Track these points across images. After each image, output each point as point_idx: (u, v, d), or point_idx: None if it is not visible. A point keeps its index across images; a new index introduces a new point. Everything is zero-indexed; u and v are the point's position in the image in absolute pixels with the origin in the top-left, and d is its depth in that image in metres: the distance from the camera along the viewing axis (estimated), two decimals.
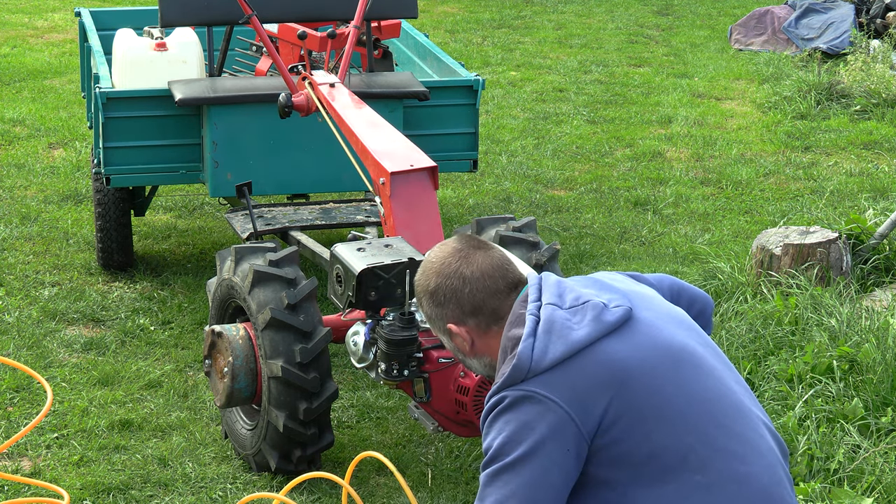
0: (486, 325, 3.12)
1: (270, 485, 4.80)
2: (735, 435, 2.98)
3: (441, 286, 3.12)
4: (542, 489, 2.90)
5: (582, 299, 3.03)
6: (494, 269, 3.11)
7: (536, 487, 2.90)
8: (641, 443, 2.92)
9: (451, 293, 3.11)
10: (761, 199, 8.00)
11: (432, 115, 6.41)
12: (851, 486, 4.45)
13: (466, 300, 3.10)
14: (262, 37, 5.98)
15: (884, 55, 10.58)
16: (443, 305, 3.12)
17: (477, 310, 3.11)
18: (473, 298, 3.10)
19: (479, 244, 3.16)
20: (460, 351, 3.18)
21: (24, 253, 7.00)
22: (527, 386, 2.92)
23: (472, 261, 3.11)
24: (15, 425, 5.23)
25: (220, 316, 5.07)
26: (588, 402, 2.91)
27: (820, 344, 5.23)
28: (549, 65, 11.58)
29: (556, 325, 2.97)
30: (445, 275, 3.12)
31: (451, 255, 3.12)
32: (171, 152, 6.26)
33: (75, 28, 11.51)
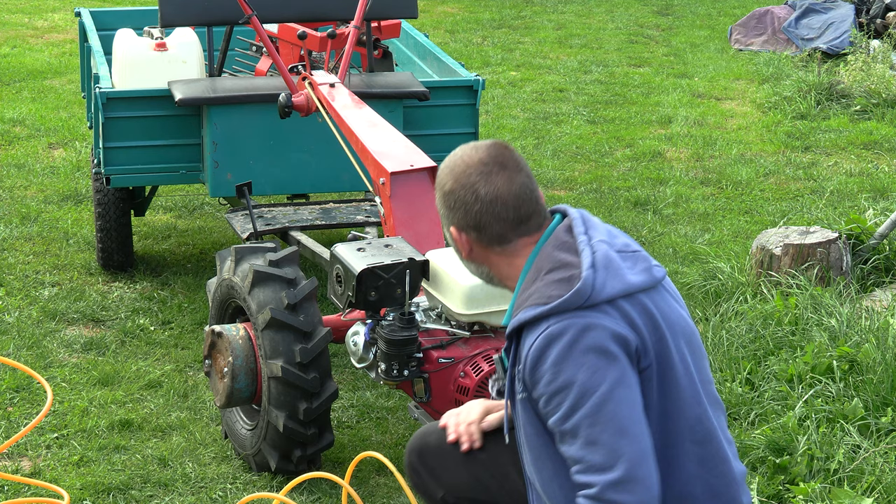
0: (487, 242, 3.15)
1: (270, 485, 4.80)
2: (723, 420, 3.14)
3: (454, 192, 3.14)
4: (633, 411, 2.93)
5: (631, 247, 3.13)
6: (510, 197, 3.11)
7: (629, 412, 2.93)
8: (659, 399, 3.00)
9: (461, 203, 3.13)
10: (761, 199, 8.00)
11: (432, 115, 6.41)
12: (851, 486, 4.45)
13: (473, 216, 3.12)
14: (262, 37, 5.98)
15: (884, 55, 10.57)
16: (451, 209, 3.15)
17: (481, 228, 3.12)
18: (480, 218, 3.11)
19: (507, 163, 3.15)
20: (459, 251, 3.21)
21: (24, 253, 7.00)
22: (587, 315, 2.95)
23: (492, 181, 3.11)
24: (15, 425, 5.23)
25: (220, 316, 5.07)
26: (636, 339, 2.98)
27: (820, 344, 5.23)
28: (549, 65, 11.58)
29: (614, 264, 3.02)
30: (461, 184, 3.13)
31: (475, 167, 3.12)
32: (171, 152, 6.26)
33: (75, 28, 11.52)
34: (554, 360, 2.93)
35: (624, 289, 3.00)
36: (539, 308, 2.97)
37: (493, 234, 3.13)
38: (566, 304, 2.96)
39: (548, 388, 2.94)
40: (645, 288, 3.05)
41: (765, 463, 4.64)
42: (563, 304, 2.96)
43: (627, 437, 2.90)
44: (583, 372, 2.91)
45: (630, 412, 2.92)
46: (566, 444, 2.94)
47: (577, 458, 2.92)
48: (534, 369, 2.96)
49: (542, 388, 2.95)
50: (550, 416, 2.96)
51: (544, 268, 3.05)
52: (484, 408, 3.34)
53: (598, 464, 2.88)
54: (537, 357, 2.95)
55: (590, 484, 2.89)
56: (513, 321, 3.04)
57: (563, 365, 2.92)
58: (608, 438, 2.89)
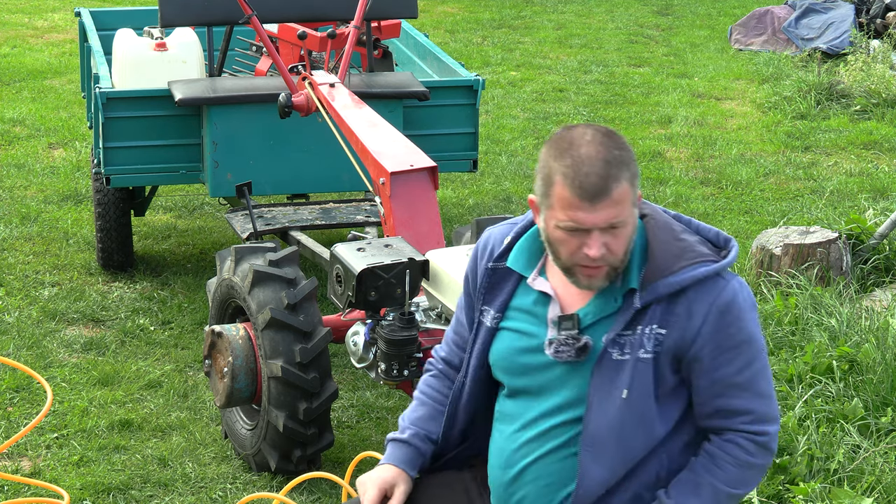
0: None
1: (270, 485, 4.80)
2: None
3: (628, 150, 3.00)
4: None
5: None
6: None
7: None
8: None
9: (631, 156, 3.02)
10: (761, 199, 8.00)
11: (432, 115, 6.41)
12: (851, 486, 4.45)
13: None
14: (262, 37, 5.97)
15: (884, 55, 10.58)
16: (638, 173, 3.05)
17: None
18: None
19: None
20: (635, 228, 3.06)
21: (24, 253, 7.00)
22: (736, 275, 3.13)
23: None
24: (15, 425, 5.23)
25: (220, 316, 5.07)
26: None
27: (820, 344, 5.23)
28: (549, 65, 11.58)
29: None
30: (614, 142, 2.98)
31: (612, 130, 3.01)
32: (171, 152, 6.26)
33: (75, 28, 11.51)
34: (738, 314, 3.03)
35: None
36: (713, 265, 3.05)
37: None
38: (729, 262, 3.08)
39: (729, 342, 3.03)
40: None
41: None
42: (727, 263, 3.07)
43: (774, 391, 3.14)
44: (757, 328, 3.08)
45: None
46: (732, 396, 3.05)
47: (745, 409, 3.06)
48: (718, 323, 3.02)
49: (724, 342, 3.03)
50: (720, 368, 3.03)
51: (674, 230, 3.10)
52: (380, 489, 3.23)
53: (768, 415, 3.07)
54: (723, 311, 3.02)
55: (762, 432, 3.07)
56: (676, 279, 3.01)
57: (746, 320, 3.05)
58: (771, 391, 3.10)
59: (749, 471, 3.08)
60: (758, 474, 3.11)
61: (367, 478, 3.25)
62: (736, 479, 3.08)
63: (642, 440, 3.06)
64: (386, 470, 3.27)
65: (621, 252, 2.99)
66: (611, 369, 3.04)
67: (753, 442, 3.07)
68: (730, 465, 3.06)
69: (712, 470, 3.06)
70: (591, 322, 3.07)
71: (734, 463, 3.06)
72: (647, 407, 3.05)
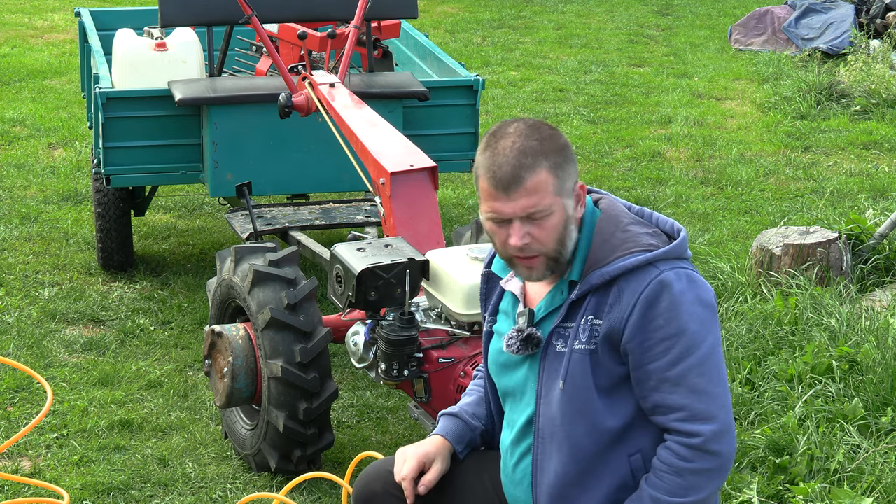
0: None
1: (270, 485, 4.80)
2: None
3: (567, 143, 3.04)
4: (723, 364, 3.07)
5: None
6: None
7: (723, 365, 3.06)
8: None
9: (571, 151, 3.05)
10: (761, 199, 8.00)
11: (432, 115, 6.41)
12: (851, 486, 4.45)
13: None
14: (262, 37, 5.98)
15: (884, 55, 10.58)
16: (571, 161, 3.05)
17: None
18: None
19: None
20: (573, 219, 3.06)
21: (24, 253, 7.00)
22: (688, 266, 3.05)
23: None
24: (15, 425, 5.23)
25: (220, 316, 5.07)
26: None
27: (820, 344, 5.23)
28: (549, 65, 11.58)
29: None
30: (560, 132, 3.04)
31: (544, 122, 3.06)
32: (171, 152, 6.26)
33: (75, 28, 11.51)
34: (668, 305, 2.98)
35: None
36: (645, 254, 3.01)
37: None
38: (672, 252, 3.03)
39: (657, 334, 2.98)
40: None
41: (765, 463, 4.64)
42: (669, 252, 3.02)
43: (725, 389, 3.02)
44: (694, 321, 2.99)
45: (724, 366, 3.05)
46: (665, 392, 2.99)
47: (678, 405, 2.99)
48: (644, 314, 2.99)
49: (651, 334, 2.98)
50: (652, 362, 2.99)
51: (622, 221, 3.08)
52: (419, 461, 3.29)
53: (702, 412, 2.98)
54: (651, 302, 2.99)
55: (694, 433, 2.98)
56: (608, 269, 3.02)
57: (677, 312, 2.98)
58: (713, 388, 2.99)
59: (690, 477, 2.99)
60: (705, 479, 3.00)
61: (407, 448, 3.31)
62: (677, 488, 2.99)
63: (588, 433, 3.06)
64: (429, 443, 3.32)
65: (550, 242, 3.02)
66: (554, 361, 3.09)
67: (686, 446, 2.98)
68: (667, 473, 3.00)
69: (653, 482, 3.02)
70: (544, 315, 3.14)
71: (670, 471, 3.00)
72: (588, 399, 3.04)
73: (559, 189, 2.99)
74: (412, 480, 3.26)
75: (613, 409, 3.06)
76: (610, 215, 3.11)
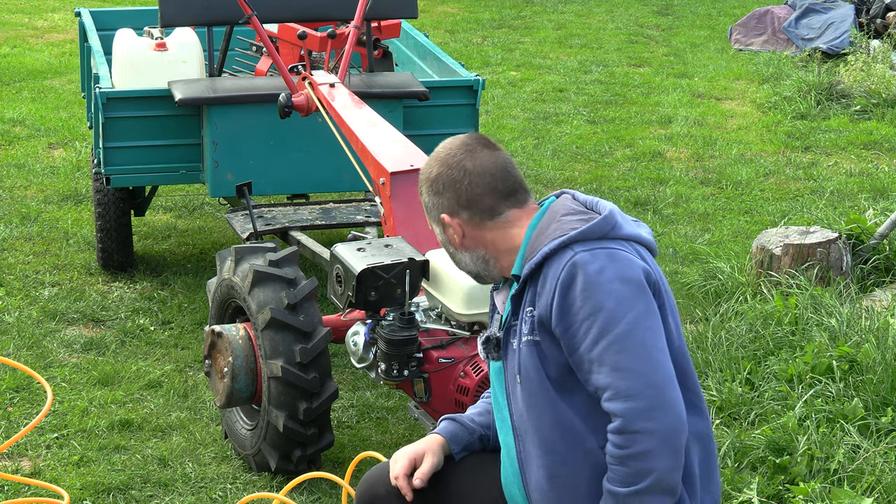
0: (479, 219, 3.19)
1: (270, 485, 4.80)
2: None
3: (441, 175, 3.20)
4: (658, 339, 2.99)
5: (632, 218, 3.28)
6: (497, 168, 3.20)
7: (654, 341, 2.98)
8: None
9: (450, 183, 3.19)
10: (761, 199, 8.00)
11: (432, 115, 6.41)
12: (851, 486, 4.45)
13: (463, 192, 3.18)
14: (262, 37, 5.97)
15: (884, 55, 10.58)
16: (440, 194, 3.21)
17: (472, 203, 3.18)
18: (470, 192, 3.18)
19: (488, 143, 3.24)
20: (451, 244, 3.25)
21: (24, 253, 7.00)
22: (611, 244, 3.03)
23: (477, 156, 3.20)
24: (15, 425, 5.23)
25: (220, 316, 5.07)
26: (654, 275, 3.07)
27: (820, 344, 5.23)
28: (549, 65, 11.58)
29: (627, 216, 3.14)
30: (448, 164, 3.20)
31: (458, 148, 3.22)
32: (171, 152, 6.26)
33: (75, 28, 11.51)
34: (583, 285, 2.97)
35: (637, 236, 3.10)
36: (561, 238, 3.04)
37: (484, 207, 3.18)
38: (590, 232, 3.03)
39: (577, 316, 2.97)
40: (649, 247, 3.14)
41: (765, 463, 4.64)
42: (587, 233, 3.03)
43: (653, 365, 2.94)
44: (611, 299, 2.96)
45: (655, 341, 2.97)
46: (593, 372, 2.97)
47: (604, 385, 2.95)
48: (564, 297, 2.99)
49: (572, 317, 2.98)
50: (578, 345, 2.98)
51: (557, 213, 3.13)
52: (409, 459, 3.33)
53: (626, 389, 2.92)
54: (567, 284, 2.99)
55: (617, 413, 2.93)
56: (535, 258, 3.06)
57: (593, 290, 2.96)
58: (636, 365, 2.93)
59: (632, 462, 2.93)
60: (648, 462, 2.92)
61: (399, 451, 3.36)
62: (625, 476, 2.95)
63: (553, 425, 3.07)
64: (424, 441, 3.37)
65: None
66: (512, 358, 3.15)
67: (615, 432, 2.94)
68: (613, 464, 2.98)
69: (608, 476, 3.00)
70: (506, 319, 3.20)
71: (614, 461, 2.97)
72: (544, 390, 3.06)
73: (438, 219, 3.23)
74: (405, 477, 3.29)
75: (571, 400, 3.06)
76: (551, 211, 3.17)
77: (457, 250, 3.24)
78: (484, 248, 3.21)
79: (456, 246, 3.24)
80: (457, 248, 3.24)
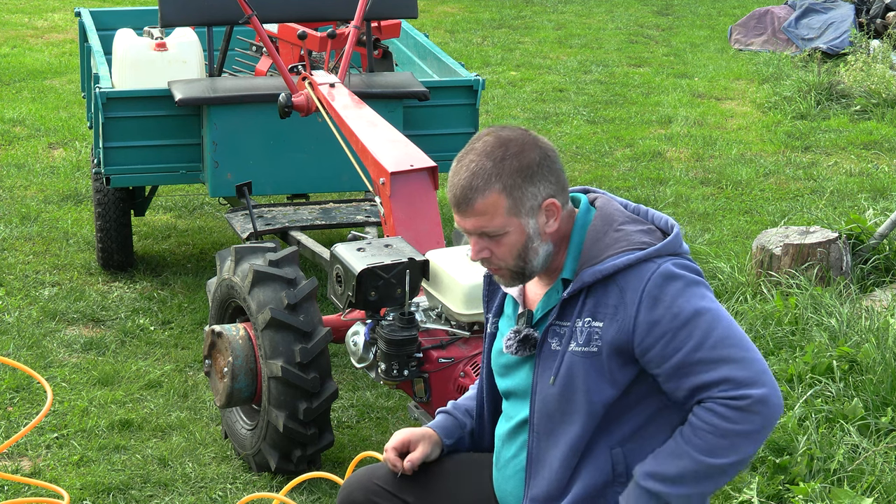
0: (564, 200, 3.10)
1: (270, 485, 4.80)
2: None
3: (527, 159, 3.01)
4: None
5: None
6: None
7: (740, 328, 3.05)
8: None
9: (546, 163, 3.03)
10: (761, 199, 8.00)
11: (432, 115, 6.41)
12: (851, 486, 4.45)
13: (557, 172, 3.05)
14: (262, 37, 5.97)
15: (884, 55, 10.58)
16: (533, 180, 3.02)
17: (564, 186, 3.08)
18: (561, 172, 3.07)
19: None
20: (540, 235, 3.06)
21: (24, 253, 7.00)
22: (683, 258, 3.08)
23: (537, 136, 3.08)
24: (15, 425, 5.23)
25: (220, 316, 5.07)
26: None
27: (820, 344, 5.23)
28: (549, 65, 11.58)
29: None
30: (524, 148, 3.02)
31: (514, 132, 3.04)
32: (171, 152, 6.26)
33: (75, 28, 11.51)
34: (675, 294, 2.99)
35: (688, 251, 3.14)
36: (638, 252, 3.02)
37: (567, 191, 3.10)
38: (666, 248, 3.04)
39: (673, 323, 2.98)
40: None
41: (765, 463, 4.64)
42: (664, 248, 3.03)
43: (755, 351, 3.01)
44: (702, 299, 3.01)
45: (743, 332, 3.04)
46: (701, 373, 2.97)
47: (720, 379, 2.96)
48: (652, 309, 2.98)
49: (664, 326, 2.98)
50: (675, 352, 2.97)
51: (616, 220, 3.09)
52: (404, 439, 3.34)
53: (747, 378, 2.96)
54: (656, 295, 2.99)
55: (743, 396, 2.95)
56: (600, 267, 3.02)
57: (686, 296, 2.99)
58: (747, 354, 2.98)
59: (735, 438, 2.96)
60: (749, 441, 2.97)
61: (399, 430, 3.39)
62: (716, 448, 2.97)
63: (578, 428, 3.07)
64: (421, 430, 3.38)
65: (508, 258, 3.06)
66: (548, 359, 3.11)
67: (734, 408, 2.95)
68: (709, 434, 2.97)
69: (691, 440, 2.99)
70: (542, 316, 3.15)
71: (714, 431, 2.97)
72: (580, 397, 3.05)
73: (514, 210, 3.01)
74: (394, 450, 3.33)
75: (605, 406, 3.06)
76: (604, 214, 3.11)
77: (542, 242, 3.08)
78: (558, 235, 3.11)
79: (547, 236, 3.09)
80: (544, 238, 3.09)
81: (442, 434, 3.39)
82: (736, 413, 2.95)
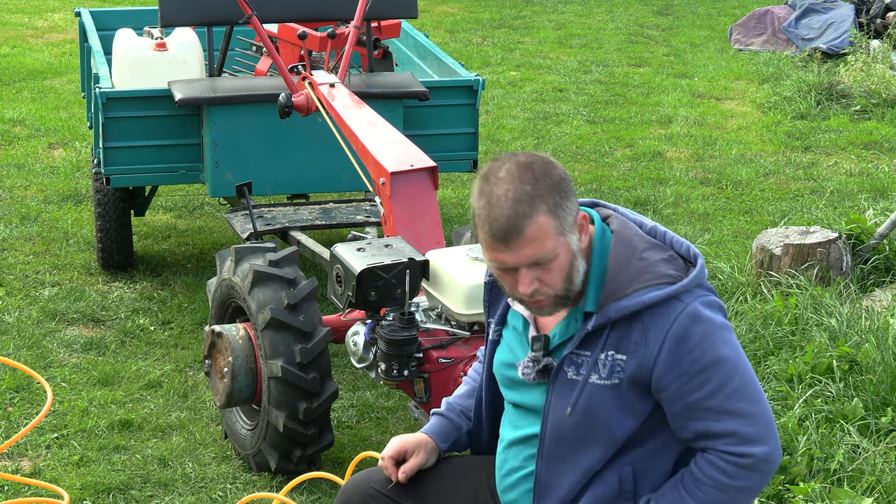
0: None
1: (270, 485, 4.80)
2: None
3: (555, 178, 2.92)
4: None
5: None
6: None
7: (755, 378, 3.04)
8: None
9: (567, 181, 2.94)
10: (761, 199, 8.00)
11: (432, 115, 6.41)
12: (851, 486, 4.45)
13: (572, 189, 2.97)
14: (262, 37, 5.98)
15: (884, 55, 10.58)
16: (567, 196, 2.93)
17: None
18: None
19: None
20: (581, 253, 2.98)
21: (24, 253, 7.00)
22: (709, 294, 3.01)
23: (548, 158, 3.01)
24: (15, 425, 5.23)
25: (220, 316, 5.07)
26: None
27: (820, 344, 5.23)
28: (549, 65, 11.58)
29: None
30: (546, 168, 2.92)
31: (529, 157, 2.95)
32: (171, 152, 6.26)
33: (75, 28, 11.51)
34: (701, 337, 2.94)
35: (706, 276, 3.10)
36: (666, 288, 2.95)
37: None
38: (693, 282, 2.97)
39: (693, 367, 2.94)
40: None
41: None
42: (691, 283, 2.97)
43: (765, 404, 2.99)
44: (727, 347, 2.96)
45: (756, 379, 3.02)
46: (709, 420, 2.96)
47: (726, 431, 2.95)
48: (676, 350, 2.94)
49: (685, 367, 2.94)
50: (690, 393, 2.95)
51: (637, 247, 3.01)
52: (400, 447, 3.33)
53: (753, 435, 2.95)
54: (681, 336, 2.94)
55: (746, 454, 2.95)
56: (628, 303, 2.95)
57: (711, 342, 2.94)
58: (757, 409, 2.97)
59: (734, 493, 2.98)
60: (743, 495, 3.00)
61: (396, 437, 3.37)
62: (715, 502, 2.99)
63: (595, 456, 3.05)
64: (415, 435, 3.37)
65: (558, 283, 2.95)
66: (564, 387, 3.05)
67: (734, 465, 2.96)
68: (709, 487, 2.98)
69: (692, 490, 3.00)
70: (559, 343, 3.09)
71: (713, 485, 2.98)
72: (598, 427, 3.02)
73: (561, 229, 2.90)
74: (390, 459, 3.31)
75: (620, 434, 3.04)
76: (623, 238, 3.03)
77: (581, 260, 2.99)
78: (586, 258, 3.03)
79: (582, 253, 3.00)
80: (581, 256, 2.99)
81: (438, 439, 3.37)
82: (737, 470, 2.96)
